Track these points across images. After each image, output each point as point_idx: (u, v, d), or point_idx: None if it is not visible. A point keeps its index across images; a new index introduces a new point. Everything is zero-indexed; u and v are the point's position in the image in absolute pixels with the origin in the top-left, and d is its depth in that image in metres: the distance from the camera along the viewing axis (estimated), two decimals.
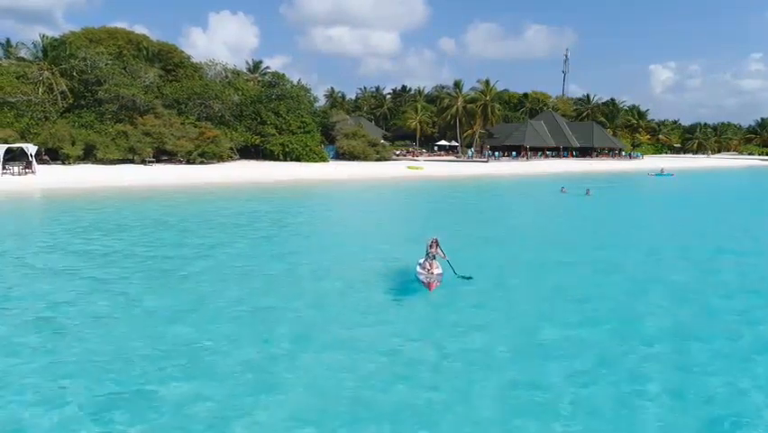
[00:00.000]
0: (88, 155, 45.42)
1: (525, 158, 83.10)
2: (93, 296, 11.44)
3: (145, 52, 57.75)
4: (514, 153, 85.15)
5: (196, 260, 15.11)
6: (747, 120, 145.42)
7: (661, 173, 60.45)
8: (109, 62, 50.68)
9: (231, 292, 11.97)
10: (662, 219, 28.27)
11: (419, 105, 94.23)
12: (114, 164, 45.19)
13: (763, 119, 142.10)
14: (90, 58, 48.92)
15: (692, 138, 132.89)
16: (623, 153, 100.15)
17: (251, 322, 10.04)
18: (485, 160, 76.02)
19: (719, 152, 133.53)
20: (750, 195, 45.12)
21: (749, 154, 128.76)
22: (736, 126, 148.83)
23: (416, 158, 77.16)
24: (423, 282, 11.74)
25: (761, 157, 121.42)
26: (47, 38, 52.09)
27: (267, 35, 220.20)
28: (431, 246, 12.67)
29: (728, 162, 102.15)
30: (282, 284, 13.00)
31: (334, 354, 8.61)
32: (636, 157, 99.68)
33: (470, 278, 12.85)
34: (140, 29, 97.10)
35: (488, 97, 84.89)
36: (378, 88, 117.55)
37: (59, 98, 47.48)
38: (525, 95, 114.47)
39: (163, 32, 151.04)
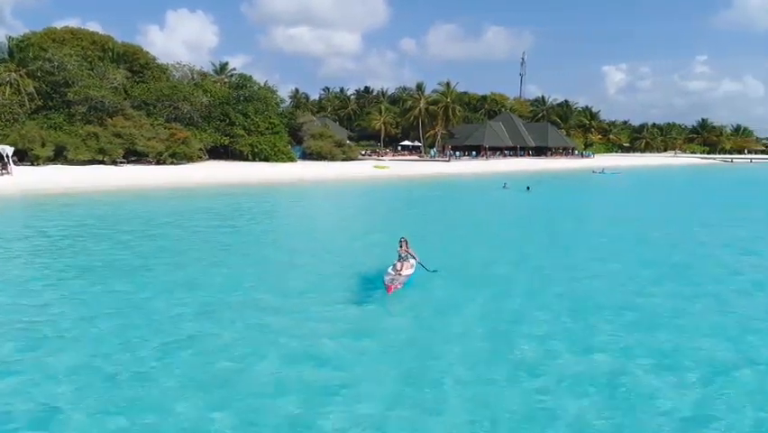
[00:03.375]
0: (58, 156, 45.84)
1: (484, 157, 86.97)
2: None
3: (110, 54, 58.05)
4: (474, 153, 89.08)
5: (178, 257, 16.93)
6: (695, 120, 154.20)
7: (602, 171, 65.23)
8: (75, 63, 50.95)
9: (180, 293, 11.89)
10: (585, 210, 32.17)
11: (383, 107, 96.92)
12: (85, 165, 45.73)
13: (703, 120, 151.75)
14: (57, 59, 49.13)
15: (640, 137, 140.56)
16: (576, 152, 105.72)
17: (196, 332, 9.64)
18: (447, 159, 79.30)
19: (665, 150, 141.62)
20: (677, 188, 49.82)
21: (691, 153, 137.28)
22: (680, 126, 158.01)
23: (381, 158, 79.69)
24: (384, 285, 11.40)
25: (701, 156, 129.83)
26: (13, 39, 51.91)
27: (227, 34, 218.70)
28: (400, 246, 12.58)
29: (672, 161, 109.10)
30: (236, 276, 13.17)
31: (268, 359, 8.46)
32: (588, 156, 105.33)
33: (435, 271, 12.91)
34: (93, 26, 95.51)
35: (449, 99, 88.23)
36: (342, 89, 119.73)
37: (27, 100, 47.59)
38: (485, 97, 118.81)
39: (118, 30, 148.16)
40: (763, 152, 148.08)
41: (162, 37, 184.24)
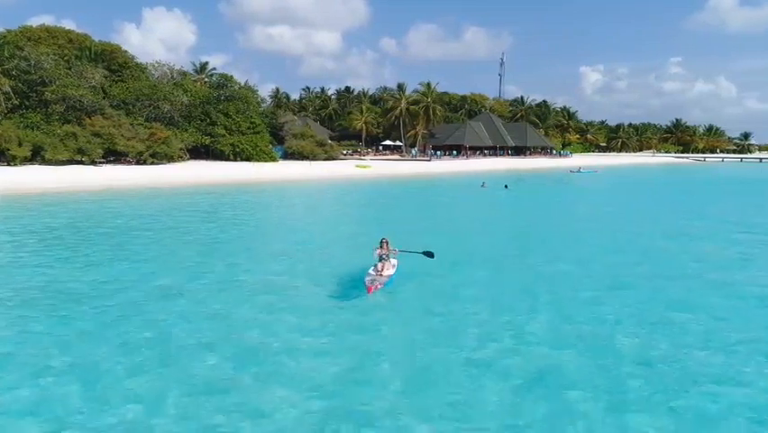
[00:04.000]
0: (35, 156, 45.19)
1: (465, 157, 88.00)
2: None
3: (88, 53, 57.35)
4: (455, 152, 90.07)
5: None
6: (670, 120, 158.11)
7: (578, 170, 66.92)
8: (52, 62, 50.26)
9: (160, 292, 11.98)
10: (558, 207, 33.38)
11: (364, 107, 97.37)
12: (63, 165, 45.16)
13: (677, 120, 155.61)
14: (34, 58, 48.42)
15: (617, 137, 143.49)
16: (554, 152, 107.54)
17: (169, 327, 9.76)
18: (428, 159, 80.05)
19: (641, 150, 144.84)
20: (648, 185, 51.28)
21: (666, 152, 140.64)
22: (655, 126, 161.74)
23: (362, 157, 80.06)
24: (365, 285, 11.44)
25: (675, 155, 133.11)
26: None
27: (205, 33, 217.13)
28: (381, 247, 12.47)
29: (648, 160, 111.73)
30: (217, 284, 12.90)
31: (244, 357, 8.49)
32: (566, 156, 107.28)
33: (431, 254, 12.87)
34: (68, 24, 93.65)
35: (429, 99, 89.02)
36: (323, 89, 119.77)
37: (3, 99, 46.79)
38: (465, 97, 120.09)
39: (93, 28, 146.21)
40: (734, 151, 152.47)
41: (139, 35, 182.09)
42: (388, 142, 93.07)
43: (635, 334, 9.69)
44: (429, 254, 13.04)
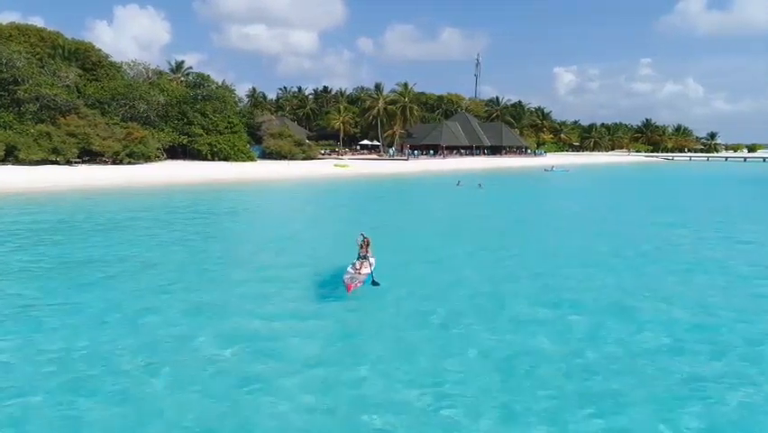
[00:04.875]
0: (8, 156, 44.48)
1: (442, 156, 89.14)
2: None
3: (61, 51, 56.53)
4: (432, 152, 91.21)
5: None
6: (640, 120, 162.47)
7: (551, 169, 68.88)
8: (24, 60, 49.45)
9: (134, 287, 12.36)
10: (526, 203, 35.40)
11: (342, 106, 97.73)
12: (37, 165, 44.57)
13: (647, 120, 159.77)
14: (6, 56, 47.61)
15: (590, 137, 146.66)
16: (529, 151, 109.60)
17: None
18: (405, 158, 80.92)
19: (613, 149, 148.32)
20: (615, 181, 53.16)
21: (636, 152, 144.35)
22: (626, 126, 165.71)
23: (340, 157, 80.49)
24: (344, 283, 11.45)
25: (645, 154, 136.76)
26: None
27: (179, 32, 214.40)
28: (362, 246, 12.57)
29: (619, 159, 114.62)
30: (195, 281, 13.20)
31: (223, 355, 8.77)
32: (540, 155, 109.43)
33: (377, 284, 12.21)
34: (36, 21, 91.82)
35: (406, 99, 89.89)
36: (300, 89, 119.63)
37: None
38: (441, 97, 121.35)
39: (63, 26, 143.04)
40: (701, 150, 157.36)
41: (111, 33, 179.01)
42: (365, 142, 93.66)
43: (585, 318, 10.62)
44: (375, 284, 12.25)
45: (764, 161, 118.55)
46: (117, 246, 17.26)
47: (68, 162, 46.58)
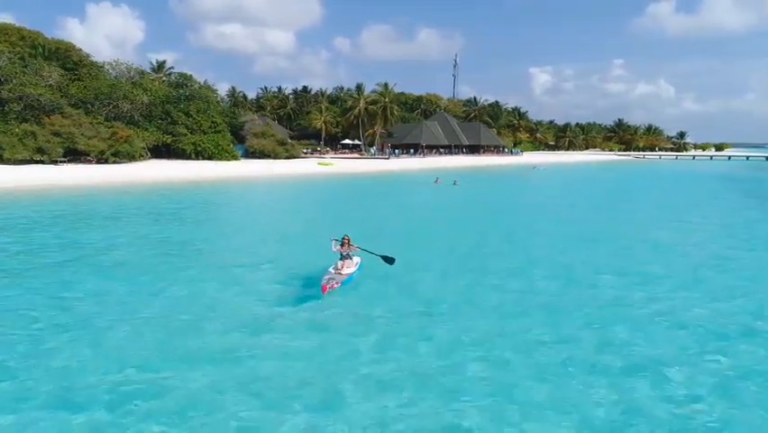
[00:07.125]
0: None
1: (422, 155, 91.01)
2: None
3: (42, 50, 56.55)
4: (412, 151, 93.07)
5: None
6: (614, 120, 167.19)
7: (536, 168, 71.64)
8: (7, 59, 49.50)
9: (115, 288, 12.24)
10: (497, 198, 37.74)
11: (323, 106, 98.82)
12: (22, 165, 44.78)
13: (620, 120, 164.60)
14: None
15: (564, 136, 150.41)
16: (506, 150, 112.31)
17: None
18: (386, 157, 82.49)
19: (587, 148, 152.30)
20: (586, 178, 55.70)
21: (610, 150, 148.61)
22: (600, 126, 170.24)
23: (322, 156, 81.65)
24: (321, 283, 11.20)
25: (618, 153, 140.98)
26: None
27: (154, 30, 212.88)
28: (342, 246, 12.27)
29: (593, 158, 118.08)
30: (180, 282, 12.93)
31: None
32: (517, 154, 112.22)
33: (392, 259, 12.39)
34: (5, 18, 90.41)
35: (387, 99, 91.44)
36: (280, 89, 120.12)
37: None
38: (420, 97, 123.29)
39: (34, 23, 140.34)
40: (671, 149, 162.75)
41: (83, 31, 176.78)
42: (347, 141, 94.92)
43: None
44: (389, 260, 12.46)
45: (747, 159, 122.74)
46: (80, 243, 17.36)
47: (54, 162, 46.88)
